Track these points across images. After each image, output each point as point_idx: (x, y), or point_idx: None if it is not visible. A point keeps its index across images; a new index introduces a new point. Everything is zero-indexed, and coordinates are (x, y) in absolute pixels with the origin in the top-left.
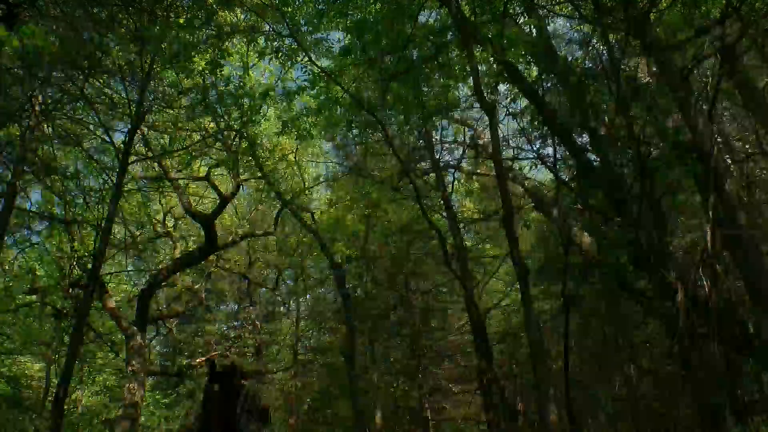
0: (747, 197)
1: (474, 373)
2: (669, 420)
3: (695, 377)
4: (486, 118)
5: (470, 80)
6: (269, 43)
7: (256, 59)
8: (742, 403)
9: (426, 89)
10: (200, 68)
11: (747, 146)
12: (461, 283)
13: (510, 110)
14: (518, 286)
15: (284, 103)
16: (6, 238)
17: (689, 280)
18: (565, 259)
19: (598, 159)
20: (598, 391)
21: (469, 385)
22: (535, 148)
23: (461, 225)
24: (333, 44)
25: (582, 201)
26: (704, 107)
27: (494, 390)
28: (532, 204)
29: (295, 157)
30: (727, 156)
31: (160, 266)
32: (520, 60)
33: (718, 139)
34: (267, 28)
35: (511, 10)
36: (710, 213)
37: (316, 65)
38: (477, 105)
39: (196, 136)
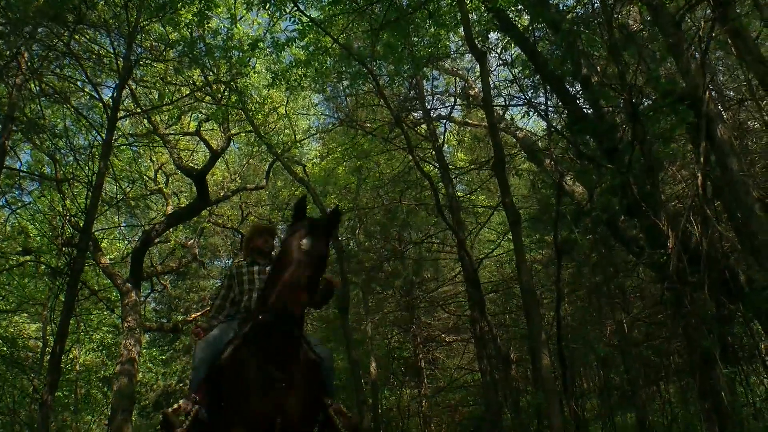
0: (739, 144)
1: (467, 323)
2: (660, 366)
3: (686, 324)
4: (477, 67)
5: (461, 29)
6: None
7: (244, 11)
8: (732, 349)
9: (416, 39)
10: (187, 20)
11: (740, 96)
12: (454, 232)
13: (502, 59)
14: (510, 236)
15: (273, 55)
16: None
17: (680, 227)
18: (557, 207)
19: (590, 107)
20: (590, 335)
21: (463, 334)
22: (527, 97)
23: (453, 176)
24: None
25: (574, 149)
26: (697, 55)
27: (487, 339)
28: (524, 154)
29: (285, 110)
30: (719, 104)
31: (152, 223)
32: (512, 8)
33: (710, 87)
34: None
35: None
36: (701, 159)
37: (305, 15)
38: (468, 55)
39: (185, 90)
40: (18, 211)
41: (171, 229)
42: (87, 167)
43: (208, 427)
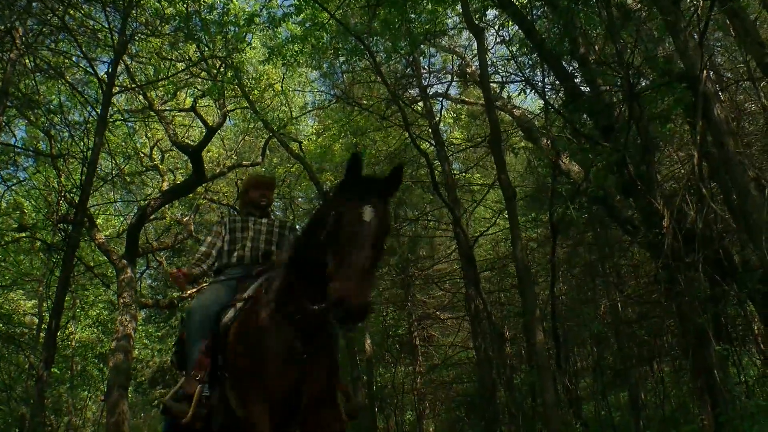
0: (736, 125)
1: (462, 301)
2: (653, 345)
3: (679, 303)
4: (475, 45)
5: (459, 6)
6: None
7: None
8: (725, 329)
9: (414, 15)
10: None
11: (737, 77)
12: (450, 210)
13: (499, 36)
14: (506, 214)
15: (269, 31)
16: None
17: (675, 207)
18: (553, 186)
19: (587, 86)
20: (584, 313)
21: (458, 312)
22: (524, 75)
23: (450, 154)
24: None
25: (571, 127)
26: (695, 36)
27: (482, 317)
28: (521, 133)
29: (281, 86)
30: (716, 84)
31: (148, 199)
32: None
33: (708, 66)
34: None
35: None
36: (697, 138)
37: None
38: (466, 33)
39: (181, 66)
40: (13, 187)
41: (167, 206)
42: (82, 143)
43: (211, 407)
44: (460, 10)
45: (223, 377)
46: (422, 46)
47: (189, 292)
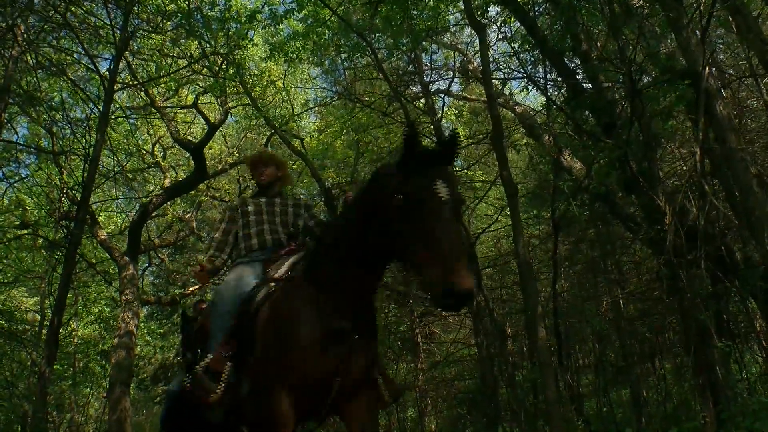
0: (737, 121)
1: None
2: (655, 342)
3: (681, 299)
4: (477, 42)
5: (461, 2)
6: None
7: None
8: (727, 326)
9: (415, 12)
10: None
11: (739, 74)
12: None
13: (502, 33)
14: (507, 211)
15: (271, 28)
16: None
17: (677, 203)
18: (554, 183)
19: (589, 82)
20: (586, 310)
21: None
22: (526, 71)
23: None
24: None
25: (573, 124)
26: (698, 32)
27: (484, 314)
28: (522, 129)
29: (283, 83)
30: (719, 81)
31: (150, 196)
32: None
33: (710, 63)
34: None
35: None
36: (699, 134)
37: None
38: (467, 30)
39: (183, 63)
40: (15, 184)
41: (168, 203)
42: (84, 140)
43: (237, 390)
44: (462, 7)
45: (250, 361)
46: (424, 42)
47: (191, 289)
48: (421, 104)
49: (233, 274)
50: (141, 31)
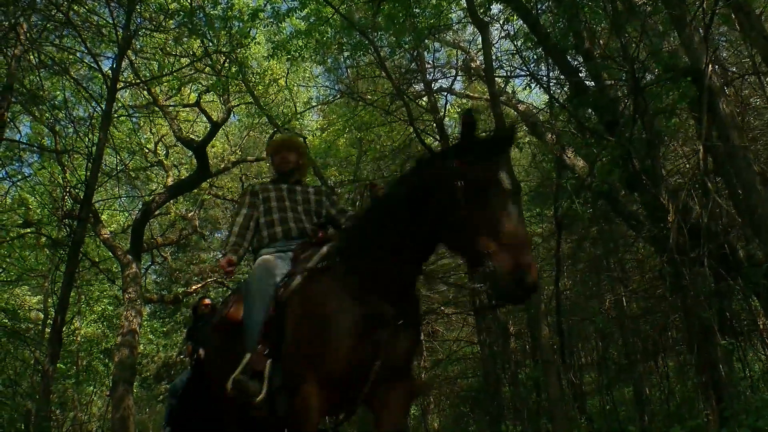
0: (740, 118)
1: (467, 296)
2: (658, 341)
3: (684, 297)
4: (479, 40)
5: (463, 0)
6: None
7: None
8: (730, 324)
9: (418, 10)
10: None
11: (742, 71)
12: None
13: (505, 31)
14: None
15: (274, 26)
16: None
17: (680, 201)
18: (557, 181)
19: (592, 80)
20: (588, 308)
21: (462, 307)
22: (529, 69)
23: None
24: None
25: (576, 122)
26: (700, 30)
27: (487, 312)
28: (525, 127)
29: (285, 82)
30: (722, 78)
31: (153, 194)
32: None
33: (713, 60)
34: None
35: None
36: (702, 132)
37: None
38: (470, 28)
39: (185, 61)
40: (18, 183)
41: (171, 201)
42: (87, 139)
43: (270, 383)
44: (465, 5)
45: (284, 353)
46: (426, 40)
47: (194, 287)
48: (423, 102)
49: (262, 264)
50: (143, 30)
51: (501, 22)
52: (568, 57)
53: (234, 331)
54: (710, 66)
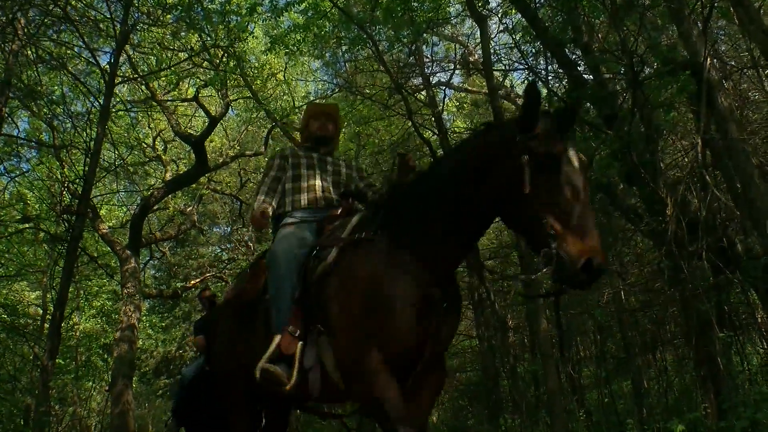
0: (739, 112)
1: (466, 290)
2: (656, 334)
3: (682, 290)
4: (478, 34)
5: None
6: None
7: None
8: (728, 318)
9: (416, 4)
10: None
11: (741, 65)
12: None
13: (503, 24)
14: None
15: (272, 20)
16: None
17: (678, 194)
18: None
19: (591, 74)
20: (587, 301)
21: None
22: (527, 63)
23: (453, 143)
24: None
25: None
26: (699, 23)
27: (485, 306)
28: None
29: (284, 76)
30: (721, 72)
31: (151, 189)
32: None
33: (711, 54)
34: None
35: None
36: (701, 126)
37: None
38: (468, 21)
39: (183, 56)
40: (16, 178)
41: (170, 196)
42: (85, 134)
43: (304, 371)
44: None
45: (318, 334)
46: (425, 34)
47: (193, 282)
48: (422, 96)
49: (289, 234)
50: (141, 25)
51: (499, 15)
52: (567, 50)
53: (250, 308)
54: (709, 59)
